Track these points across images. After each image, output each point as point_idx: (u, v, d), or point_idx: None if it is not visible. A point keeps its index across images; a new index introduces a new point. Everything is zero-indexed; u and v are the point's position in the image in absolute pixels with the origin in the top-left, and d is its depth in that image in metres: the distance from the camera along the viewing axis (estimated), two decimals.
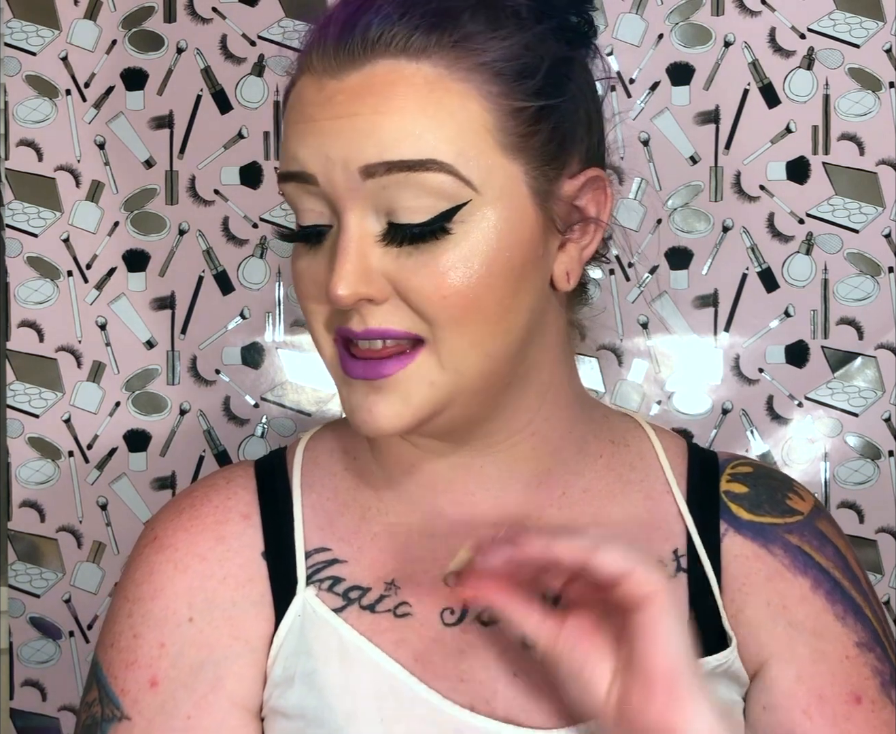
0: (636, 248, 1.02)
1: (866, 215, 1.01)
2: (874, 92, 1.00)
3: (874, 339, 1.01)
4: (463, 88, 0.63)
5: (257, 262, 1.04)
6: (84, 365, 1.06)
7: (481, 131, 0.63)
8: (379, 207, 0.63)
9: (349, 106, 0.62)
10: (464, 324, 0.64)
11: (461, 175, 0.62)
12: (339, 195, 0.63)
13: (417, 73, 0.62)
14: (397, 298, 0.64)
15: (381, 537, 0.73)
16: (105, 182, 1.05)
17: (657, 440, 0.78)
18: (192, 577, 0.71)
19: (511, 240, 0.64)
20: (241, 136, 1.05)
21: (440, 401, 0.65)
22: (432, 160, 0.61)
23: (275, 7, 1.04)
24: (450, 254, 0.63)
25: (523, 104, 0.64)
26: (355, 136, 0.61)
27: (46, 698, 1.06)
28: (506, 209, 0.64)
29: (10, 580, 1.06)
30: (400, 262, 0.63)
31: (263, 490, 0.75)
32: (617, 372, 1.04)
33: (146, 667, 0.69)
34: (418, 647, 0.69)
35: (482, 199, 0.63)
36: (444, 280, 0.63)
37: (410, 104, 0.61)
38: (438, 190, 0.62)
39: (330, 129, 0.62)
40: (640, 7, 1.02)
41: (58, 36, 1.05)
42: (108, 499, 1.05)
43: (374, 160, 0.61)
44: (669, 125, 1.02)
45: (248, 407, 1.05)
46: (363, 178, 0.62)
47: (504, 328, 0.66)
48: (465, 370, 0.65)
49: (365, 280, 0.63)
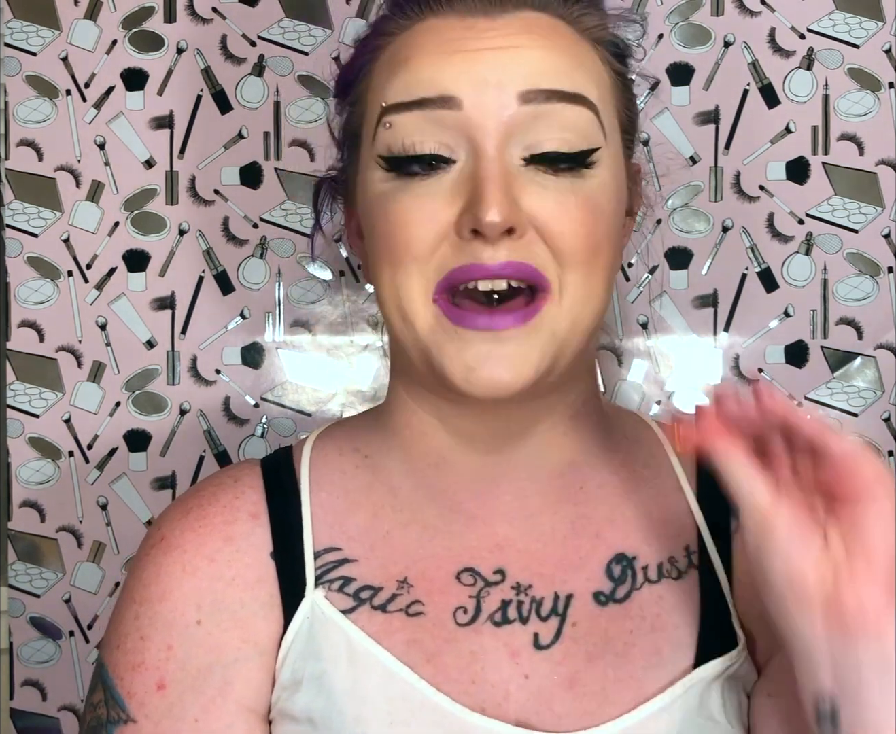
0: (636, 248, 1.02)
1: (866, 215, 1.01)
2: (874, 92, 1.00)
3: (874, 339, 1.01)
4: (593, 51, 0.69)
5: (257, 262, 1.05)
6: (84, 365, 1.06)
7: (607, 91, 0.69)
8: (521, 139, 0.64)
9: (507, 39, 0.64)
10: (590, 267, 0.65)
11: (601, 118, 0.66)
12: (486, 120, 0.63)
13: (559, 27, 0.67)
14: (534, 233, 0.64)
15: (393, 535, 0.72)
16: (105, 182, 1.05)
17: (665, 438, 0.78)
18: (201, 579, 0.70)
19: (619, 197, 0.69)
20: (241, 136, 1.05)
21: (557, 353, 0.65)
22: (583, 96, 0.65)
23: (275, 7, 1.04)
24: (587, 192, 0.65)
25: (624, 86, 0.71)
26: (515, 64, 0.64)
27: (46, 698, 1.06)
28: (617, 168, 0.69)
29: (10, 580, 1.06)
30: (540, 192, 0.64)
31: (271, 489, 0.74)
32: (617, 372, 1.04)
33: (153, 669, 0.68)
34: (430, 648, 0.68)
35: (608, 150, 0.67)
36: (581, 214, 0.64)
37: (563, 46, 0.66)
38: (581, 128, 0.65)
39: (486, 58, 0.64)
40: (640, 7, 1.02)
41: (58, 36, 1.05)
42: (108, 499, 1.05)
43: (533, 86, 0.64)
44: (669, 125, 1.02)
45: (248, 407, 1.05)
46: (520, 103, 0.63)
47: (609, 284, 0.68)
48: (582, 319, 0.66)
49: (514, 206, 0.62)
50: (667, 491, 0.75)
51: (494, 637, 0.69)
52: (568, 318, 0.65)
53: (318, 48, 1.04)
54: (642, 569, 0.72)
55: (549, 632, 0.69)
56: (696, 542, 0.73)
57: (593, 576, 0.71)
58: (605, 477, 0.74)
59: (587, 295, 0.65)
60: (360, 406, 1.04)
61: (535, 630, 0.69)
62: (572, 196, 0.64)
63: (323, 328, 1.05)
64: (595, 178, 0.66)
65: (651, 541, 0.73)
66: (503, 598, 0.70)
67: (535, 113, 0.64)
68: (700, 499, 0.75)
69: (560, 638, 0.69)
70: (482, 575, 0.70)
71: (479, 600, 0.70)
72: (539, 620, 0.69)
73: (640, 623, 0.70)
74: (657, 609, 0.70)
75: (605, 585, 0.71)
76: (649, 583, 0.71)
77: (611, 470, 0.75)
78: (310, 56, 1.04)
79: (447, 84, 0.64)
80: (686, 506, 0.75)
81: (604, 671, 0.68)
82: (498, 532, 0.72)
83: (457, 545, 0.71)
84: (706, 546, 0.73)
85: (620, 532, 0.73)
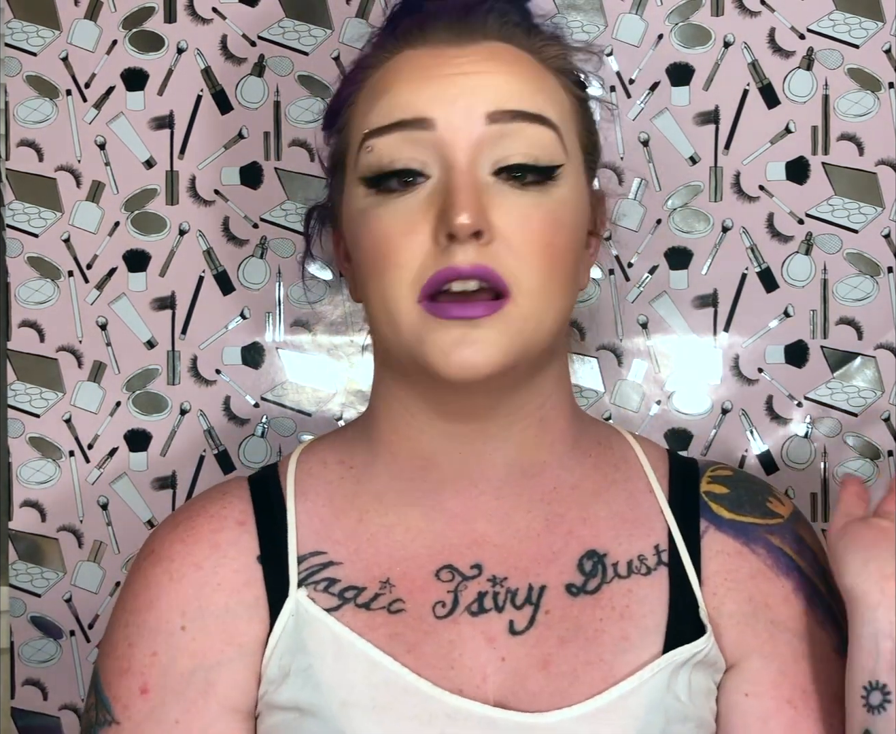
0: (636, 248, 1.02)
1: (866, 215, 1.01)
2: (874, 92, 1.00)
3: (873, 339, 1.01)
4: (555, 79, 0.74)
5: (257, 262, 1.05)
6: (85, 365, 1.06)
7: (569, 115, 0.74)
8: (490, 155, 0.69)
9: (475, 65, 0.71)
10: (551, 274, 0.69)
11: (562, 137, 0.72)
12: (457, 139, 0.69)
13: (524, 57, 0.73)
14: (500, 242, 0.68)
15: (377, 538, 0.76)
16: (105, 182, 1.05)
17: (637, 445, 0.82)
18: (187, 586, 0.73)
19: (580, 214, 0.74)
20: (241, 136, 1.05)
21: (523, 348, 0.69)
22: (545, 116, 0.71)
23: (275, 7, 1.04)
24: (549, 206, 0.70)
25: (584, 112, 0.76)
26: (482, 88, 0.70)
27: (47, 697, 1.06)
28: (579, 186, 0.74)
29: (10, 579, 1.06)
30: (506, 205, 0.69)
31: (258, 499, 0.78)
32: (617, 372, 1.04)
33: (138, 674, 0.72)
34: (411, 640, 0.72)
35: (570, 168, 0.72)
36: (543, 226, 0.69)
37: (525, 72, 0.72)
38: (544, 146, 0.70)
39: (457, 82, 0.70)
40: (640, 7, 1.02)
41: (58, 36, 1.05)
42: (108, 498, 1.06)
43: (499, 107, 0.70)
44: (669, 125, 1.02)
45: (248, 407, 1.05)
46: (487, 122, 0.69)
47: (569, 293, 0.73)
48: (545, 322, 0.70)
49: (482, 213, 0.68)
50: (638, 493, 0.79)
51: (472, 626, 0.73)
52: (531, 319, 0.69)
53: (318, 48, 1.04)
54: (612, 566, 0.75)
55: (524, 619, 0.73)
56: (667, 541, 0.77)
57: (565, 570, 0.75)
58: (577, 479, 0.78)
59: (547, 300, 0.70)
60: (360, 406, 1.04)
61: (511, 617, 0.73)
62: (535, 210, 0.69)
63: (323, 328, 1.05)
64: (557, 193, 0.71)
65: (621, 540, 0.76)
66: (480, 590, 0.74)
67: (501, 132, 0.69)
68: (671, 502, 0.79)
69: (534, 623, 0.73)
70: (460, 571, 0.75)
71: (456, 594, 0.74)
72: (514, 609, 0.73)
73: (610, 612, 0.74)
74: (626, 600, 0.74)
75: (576, 578, 0.75)
76: (619, 577, 0.75)
77: (583, 472, 0.79)
78: (310, 56, 1.04)
79: (422, 106, 0.70)
80: (657, 507, 0.78)
81: (575, 654, 0.72)
82: (476, 529, 0.76)
83: (438, 544, 0.75)
84: (676, 545, 0.77)
85: (592, 530, 0.76)
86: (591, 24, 1.02)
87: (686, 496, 0.79)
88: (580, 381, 1.02)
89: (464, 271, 0.67)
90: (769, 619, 0.75)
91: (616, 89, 1.02)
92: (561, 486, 0.77)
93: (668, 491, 0.80)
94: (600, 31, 1.02)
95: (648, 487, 0.79)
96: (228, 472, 1.05)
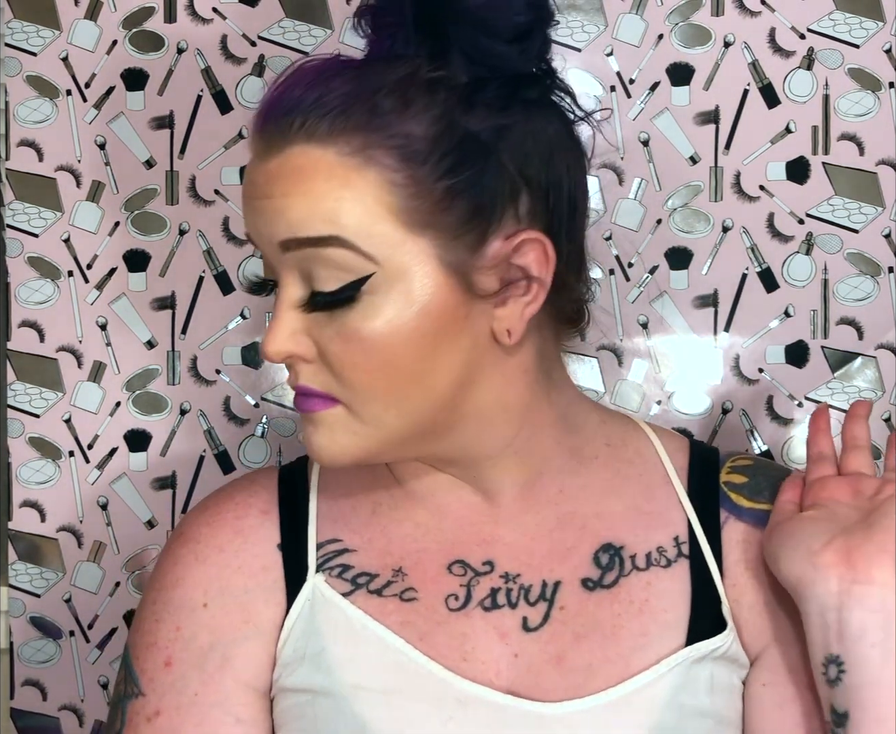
0: (636, 248, 1.02)
1: (866, 215, 1.01)
2: (874, 92, 1.00)
3: (874, 340, 1.01)
4: (366, 172, 0.66)
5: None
6: (84, 365, 1.06)
7: (384, 212, 0.66)
8: (303, 275, 0.68)
9: (267, 188, 0.68)
10: (374, 388, 0.68)
11: (362, 251, 0.66)
12: (272, 264, 0.70)
13: (323, 158, 0.66)
14: (321, 362, 0.69)
15: (390, 529, 0.77)
16: (105, 182, 1.05)
17: (655, 437, 0.81)
18: (210, 567, 0.76)
19: (418, 310, 0.67)
20: (241, 136, 1.05)
21: (367, 448, 0.70)
22: (334, 237, 0.66)
23: (275, 7, 1.04)
24: (358, 323, 0.67)
25: (431, 186, 0.66)
26: (271, 216, 0.68)
27: (47, 698, 1.06)
28: (412, 282, 0.67)
29: (10, 580, 1.06)
30: (319, 327, 0.68)
31: (283, 490, 0.80)
32: (617, 372, 1.04)
33: (163, 648, 0.75)
34: (423, 628, 0.73)
35: (385, 272, 0.66)
36: (352, 346, 0.67)
37: (317, 187, 0.66)
38: (343, 264, 0.66)
39: (256, 208, 0.69)
40: (640, 7, 1.02)
41: (58, 36, 1.05)
42: (108, 498, 1.06)
43: (285, 236, 0.67)
44: (669, 125, 1.02)
45: (249, 407, 1.05)
46: (282, 251, 0.68)
47: (422, 389, 0.69)
48: (384, 426, 0.69)
49: (294, 340, 0.69)
50: (654, 485, 0.78)
51: (484, 620, 0.73)
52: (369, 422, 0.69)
53: (318, 48, 1.04)
54: (630, 558, 0.75)
55: (538, 616, 0.73)
56: (687, 533, 0.76)
57: (581, 564, 0.74)
58: (585, 480, 0.78)
59: (382, 407, 0.69)
60: None
61: (524, 614, 0.73)
62: (343, 328, 0.67)
63: None
64: (373, 304, 0.67)
65: (638, 532, 0.76)
66: (492, 586, 0.74)
67: (299, 256, 0.67)
68: (690, 493, 0.78)
69: (548, 620, 0.73)
70: (472, 566, 0.75)
71: (469, 588, 0.74)
72: (527, 605, 0.73)
73: (629, 607, 0.73)
74: (645, 594, 0.74)
75: (593, 572, 0.74)
76: (637, 570, 0.74)
77: (592, 473, 0.78)
78: (310, 56, 1.04)
79: (248, 230, 0.71)
80: (675, 498, 0.78)
81: (591, 650, 0.72)
82: (485, 530, 0.76)
83: (447, 541, 0.76)
84: (696, 537, 0.76)
85: (607, 524, 0.76)
86: (591, 24, 1.02)
87: (706, 487, 0.78)
88: (580, 381, 1.02)
89: (294, 387, 0.71)
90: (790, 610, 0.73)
91: (616, 89, 1.02)
92: (568, 488, 0.77)
93: (686, 482, 0.79)
94: (600, 31, 1.02)
95: (666, 479, 0.79)
96: (228, 473, 1.05)
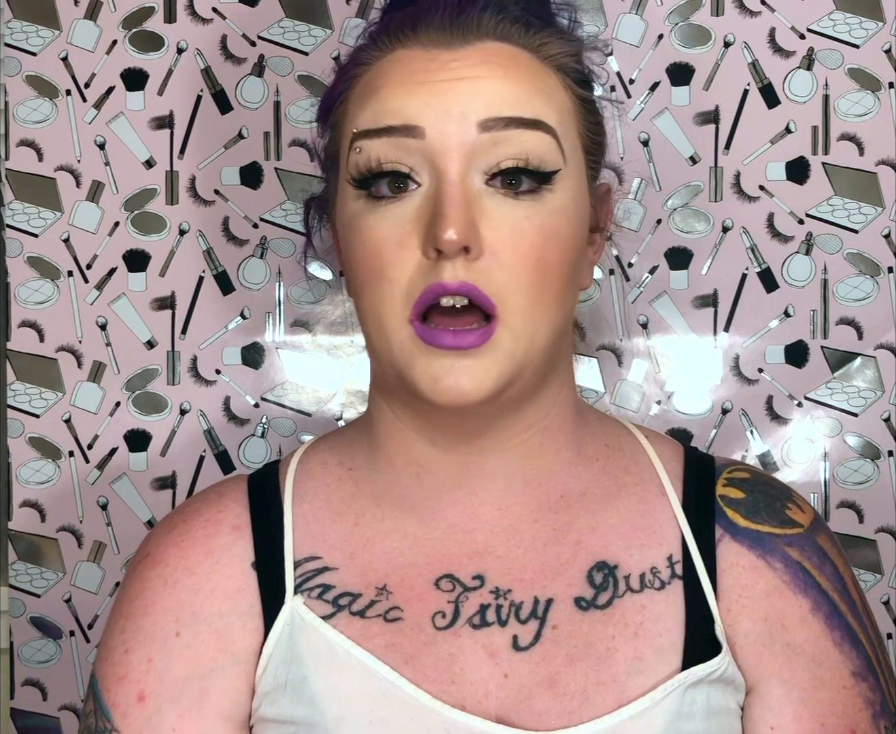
0: (636, 248, 1.02)
1: (866, 215, 1.01)
2: (874, 92, 1.00)
3: (874, 340, 1.01)
4: (555, 78, 0.71)
5: (257, 262, 1.05)
6: (84, 365, 1.06)
7: (569, 116, 0.71)
8: (482, 164, 0.67)
9: (468, 70, 0.68)
10: (542, 288, 0.68)
11: (560, 142, 0.69)
12: (448, 148, 0.67)
13: (521, 55, 0.70)
14: (489, 257, 0.67)
15: (374, 542, 0.74)
16: (105, 182, 1.05)
17: (648, 445, 0.79)
18: (181, 591, 0.73)
19: (579, 219, 0.71)
20: (241, 136, 1.05)
21: (516, 371, 0.68)
22: (542, 121, 0.68)
23: (275, 7, 1.04)
24: (542, 216, 0.68)
25: (592, 107, 0.74)
26: (475, 94, 0.68)
27: (47, 698, 1.06)
28: (579, 190, 0.71)
29: (10, 580, 1.06)
30: (499, 214, 0.67)
31: (255, 502, 0.76)
32: (617, 372, 1.04)
33: (135, 681, 0.71)
34: (409, 651, 0.70)
35: (567, 172, 0.70)
36: (534, 239, 0.67)
37: (521, 75, 0.69)
38: (541, 151, 0.68)
39: (448, 88, 0.68)
40: (640, 7, 1.02)
41: (58, 36, 1.05)
42: (108, 498, 1.06)
43: (492, 114, 0.67)
44: (669, 125, 1.02)
45: (248, 407, 1.05)
46: (479, 131, 0.67)
47: (564, 304, 0.70)
48: (536, 340, 0.68)
49: (471, 227, 0.66)
50: (649, 496, 0.76)
51: (473, 639, 0.70)
52: (521, 339, 0.68)
53: (318, 48, 1.04)
54: (624, 579, 0.72)
55: (529, 634, 0.70)
56: (680, 551, 0.74)
57: (574, 582, 0.72)
58: (585, 486, 0.75)
59: (537, 316, 0.68)
60: (360, 406, 1.04)
61: (514, 632, 0.70)
62: (527, 222, 0.67)
63: (323, 328, 1.05)
64: (553, 201, 0.69)
65: (633, 551, 0.73)
66: (482, 603, 0.71)
67: (494, 139, 0.67)
68: (685, 506, 0.75)
69: (539, 639, 0.70)
70: (461, 581, 0.72)
71: (457, 605, 0.71)
72: (518, 623, 0.70)
73: (623, 630, 0.71)
74: (640, 618, 0.71)
75: (586, 591, 0.72)
76: (631, 592, 0.72)
77: (591, 478, 0.76)
78: (310, 56, 1.04)
79: (411, 114, 0.68)
80: (670, 511, 0.75)
81: (585, 673, 0.69)
82: (478, 539, 0.73)
83: (437, 553, 0.73)
84: (690, 554, 0.73)
85: (602, 540, 0.73)
86: (591, 24, 1.02)
87: (701, 499, 0.76)
88: (580, 381, 1.02)
89: (450, 288, 0.66)
90: (785, 642, 0.72)
91: (616, 89, 1.02)
92: (568, 494, 0.75)
93: (681, 493, 0.76)
94: (600, 31, 1.02)
95: (661, 490, 0.76)
96: (228, 473, 1.05)
